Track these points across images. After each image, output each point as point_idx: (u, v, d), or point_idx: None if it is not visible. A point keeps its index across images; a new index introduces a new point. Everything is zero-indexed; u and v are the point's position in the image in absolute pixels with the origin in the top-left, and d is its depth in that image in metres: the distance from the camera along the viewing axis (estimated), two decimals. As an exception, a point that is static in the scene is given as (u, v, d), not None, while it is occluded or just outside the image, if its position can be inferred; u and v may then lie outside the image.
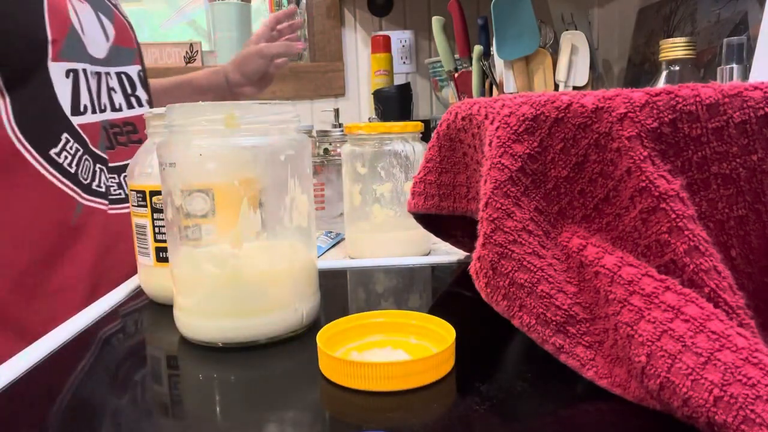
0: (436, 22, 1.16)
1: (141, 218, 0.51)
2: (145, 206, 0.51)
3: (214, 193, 0.41)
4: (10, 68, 0.59)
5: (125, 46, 0.77)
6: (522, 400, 0.33)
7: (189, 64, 1.65)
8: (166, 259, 0.51)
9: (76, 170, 0.66)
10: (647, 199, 0.33)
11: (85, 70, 0.68)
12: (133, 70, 0.78)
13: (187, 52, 1.65)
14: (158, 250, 0.51)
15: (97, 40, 0.71)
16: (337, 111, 1.48)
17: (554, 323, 0.34)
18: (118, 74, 0.75)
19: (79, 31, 0.67)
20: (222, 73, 1.03)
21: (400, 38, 1.60)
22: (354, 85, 1.66)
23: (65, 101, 0.65)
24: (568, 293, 0.35)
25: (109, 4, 0.75)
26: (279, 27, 1.04)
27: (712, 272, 0.31)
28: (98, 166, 0.69)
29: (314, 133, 1.25)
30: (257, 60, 1.00)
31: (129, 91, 0.77)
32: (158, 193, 0.50)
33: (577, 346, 0.34)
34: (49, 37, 0.61)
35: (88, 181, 0.68)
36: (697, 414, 0.28)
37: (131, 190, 0.52)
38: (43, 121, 0.63)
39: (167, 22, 1.76)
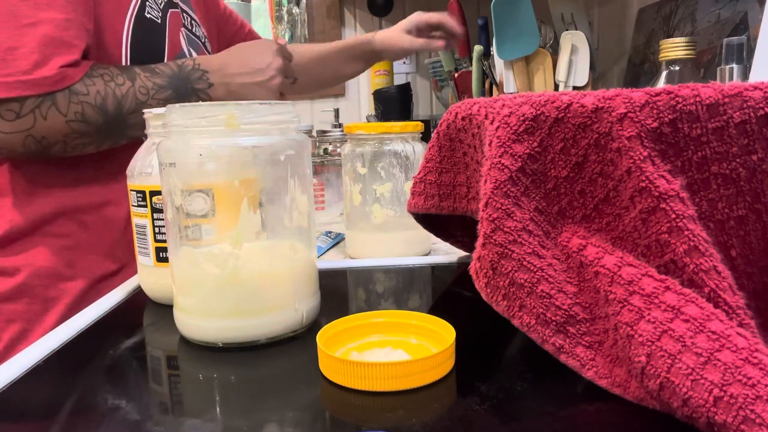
0: (436, 22, 1.15)
1: (141, 218, 0.51)
2: (145, 206, 0.51)
3: (214, 193, 0.41)
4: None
5: None
6: (522, 400, 0.33)
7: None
8: (166, 259, 0.51)
9: None
10: (647, 199, 0.33)
11: None
12: None
13: (187, 52, 1.65)
14: (158, 250, 0.51)
15: None
16: (337, 111, 1.48)
17: (554, 323, 0.34)
18: None
19: (186, 54, 0.87)
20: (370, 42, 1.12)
21: (400, 38, 1.60)
22: (354, 85, 1.66)
23: None
24: (568, 293, 0.35)
25: (198, 42, 0.93)
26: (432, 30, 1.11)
27: (712, 272, 0.31)
28: None
29: (314, 133, 1.25)
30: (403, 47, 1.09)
31: None
32: (158, 193, 0.50)
33: (577, 346, 0.34)
34: (166, 55, 0.82)
35: None
36: (697, 414, 0.28)
37: (131, 190, 0.52)
38: None
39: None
